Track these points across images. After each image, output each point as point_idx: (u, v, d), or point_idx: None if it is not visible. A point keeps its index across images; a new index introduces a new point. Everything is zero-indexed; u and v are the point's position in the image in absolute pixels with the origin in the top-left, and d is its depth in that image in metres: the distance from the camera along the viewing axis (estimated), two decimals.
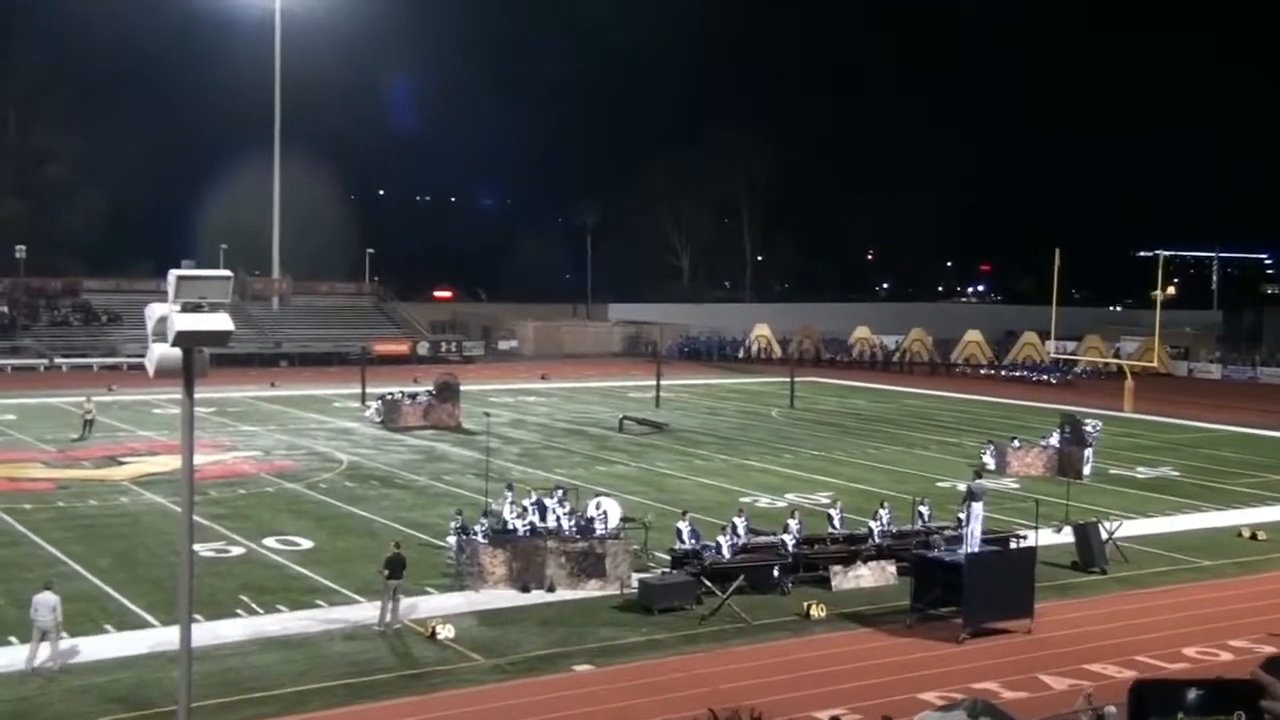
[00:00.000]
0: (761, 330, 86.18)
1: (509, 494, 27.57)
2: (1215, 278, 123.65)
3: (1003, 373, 75.01)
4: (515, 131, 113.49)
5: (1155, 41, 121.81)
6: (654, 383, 57.91)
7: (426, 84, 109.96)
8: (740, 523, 26.12)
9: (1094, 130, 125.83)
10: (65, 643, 20.70)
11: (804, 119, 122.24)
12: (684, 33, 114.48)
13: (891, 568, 26.02)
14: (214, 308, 13.01)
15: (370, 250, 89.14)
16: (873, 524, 27.25)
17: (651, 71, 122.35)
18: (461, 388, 50.02)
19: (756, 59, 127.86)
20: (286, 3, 77.41)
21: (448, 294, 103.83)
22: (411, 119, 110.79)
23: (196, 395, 13.89)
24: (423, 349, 77.52)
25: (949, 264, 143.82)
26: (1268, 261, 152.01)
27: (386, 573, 22.50)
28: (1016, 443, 41.14)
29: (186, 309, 12.86)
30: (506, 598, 24.18)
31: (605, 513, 26.17)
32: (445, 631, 21.65)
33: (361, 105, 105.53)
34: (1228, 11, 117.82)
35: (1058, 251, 57.81)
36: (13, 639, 20.71)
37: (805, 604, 23.73)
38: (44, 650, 19.79)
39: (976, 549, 23.91)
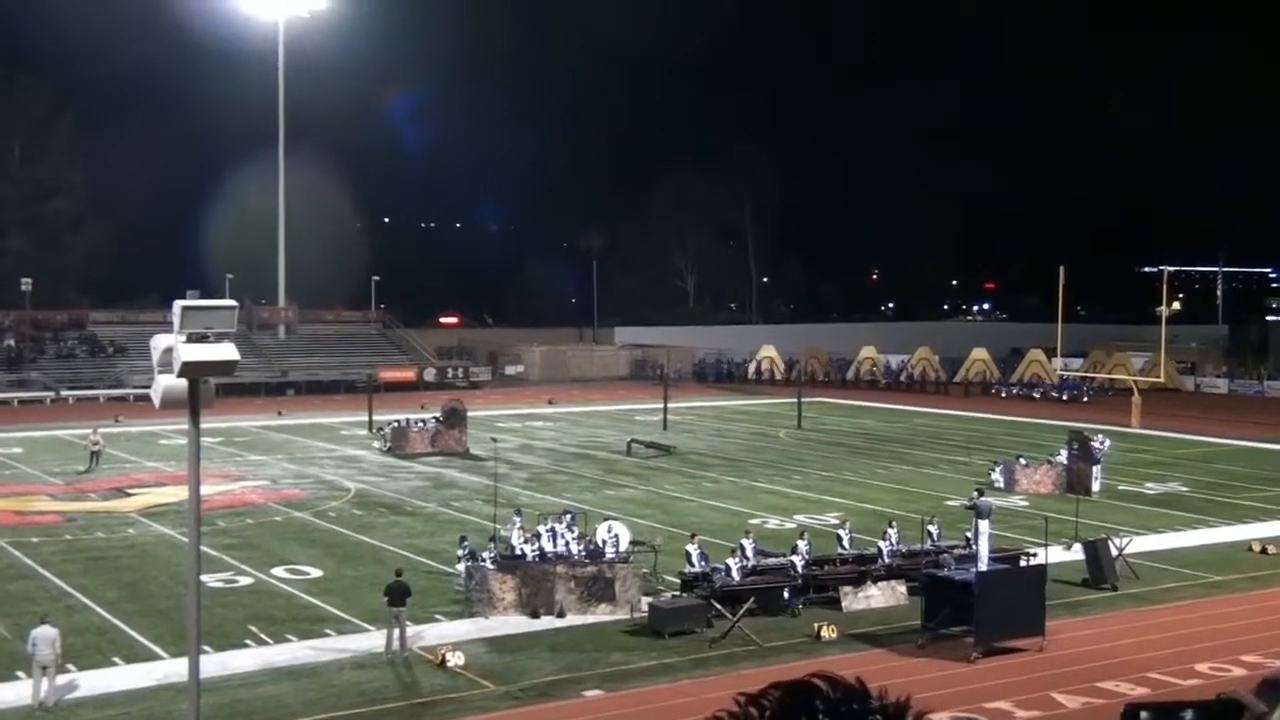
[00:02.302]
0: (768, 351, 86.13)
1: (517, 519, 27.55)
2: (1220, 292, 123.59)
3: (1032, 393, 74.19)
4: (519, 156, 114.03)
5: (1157, 55, 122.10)
6: (661, 406, 57.89)
7: (430, 110, 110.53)
8: (749, 545, 26.06)
9: (1097, 146, 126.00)
10: (70, 676, 20.69)
11: (807, 140, 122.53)
12: (688, 55, 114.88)
13: (902, 588, 25.93)
14: (219, 337, 13.03)
15: (376, 277, 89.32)
16: (882, 544, 27.19)
17: (656, 94, 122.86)
18: (469, 413, 49.99)
19: (760, 81, 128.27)
20: (289, 33, 77.82)
21: (454, 320, 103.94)
22: (416, 145, 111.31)
23: (203, 425, 13.90)
24: (429, 375, 77.51)
25: (954, 282, 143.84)
26: (1272, 275, 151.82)
27: (387, 600, 22.49)
28: (1023, 460, 41.05)
29: (192, 339, 12.88)
30: (516, 624, 24.11)
31: (617, 536, 26.14)
32: (455, 659, 21.58)
33: (366, 133, 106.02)
34: (1231, 24, 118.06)
35: (1062, 269, 57.83)
36: (20, 673, 20.65)
37: (816, 625, 23.64)
38: (43, 685, 19.74)
39: (985, 567, 23.85)
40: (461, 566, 25.87)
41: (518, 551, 25.74)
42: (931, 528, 28.30)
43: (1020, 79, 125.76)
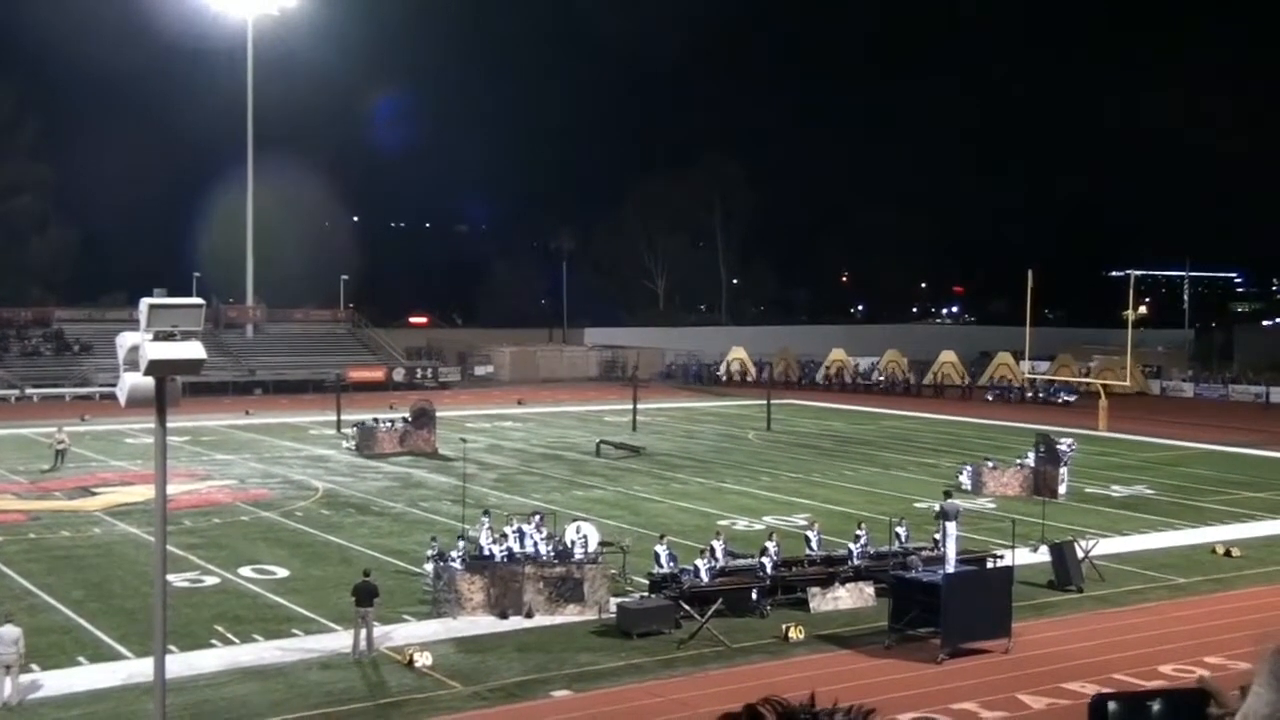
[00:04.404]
0: (738, 353, 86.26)
1: (486, 520, 27.50)
2: (1186, 296, 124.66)
3: (1025, 395, 73.77)
4: (490, 157, 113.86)
5: (1127, 61, 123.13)
6: (630, 407, 57.89)
7: (402, 110, 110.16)
8: (718, 546, 26.09)
9: (1065, 150, 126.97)
10: (34, 676, 20.53)
11: (778, 143, 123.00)
12: (660, 59, 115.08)
13: (869, 589, 26.02)
14: (186, 336, 12.94)
15: (345, 276, 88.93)
16: (853, 546, 27.28)
17: (627, 96, 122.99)
18: (437, 414, 49.87)
19: (731, 85, 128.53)
20: (259, 30, 77.37)
21: (423, 320, 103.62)
22: (387, 145, 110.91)
23: (170, 424, 13.81)
24: (398, 375, 77.22)
25: (923, 286, 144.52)
26: (1237, 280, 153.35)
27: (354, 600, 22.42)
28: (991, 463, 41.29)
29: (159, 337, 12.79)
30: (484, 624, 24.07)
31: (585, 537, 26.13)
32: (423, 659, 21.53)
33: (336, 131, 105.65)
34: (1197, 34, 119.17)
35: (1030, 272, 58.17)
36: None
37: (784, 626, 23.70)
38: (6, 685, 19.58)
39: (952, 569, 23.97)
40: (429, 566, 25.81)
41: (486, 552, 25.70)
42: (900, 529, 28.42)
43: (989, 84, 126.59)
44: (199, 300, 13.73)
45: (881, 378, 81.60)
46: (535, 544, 25.82)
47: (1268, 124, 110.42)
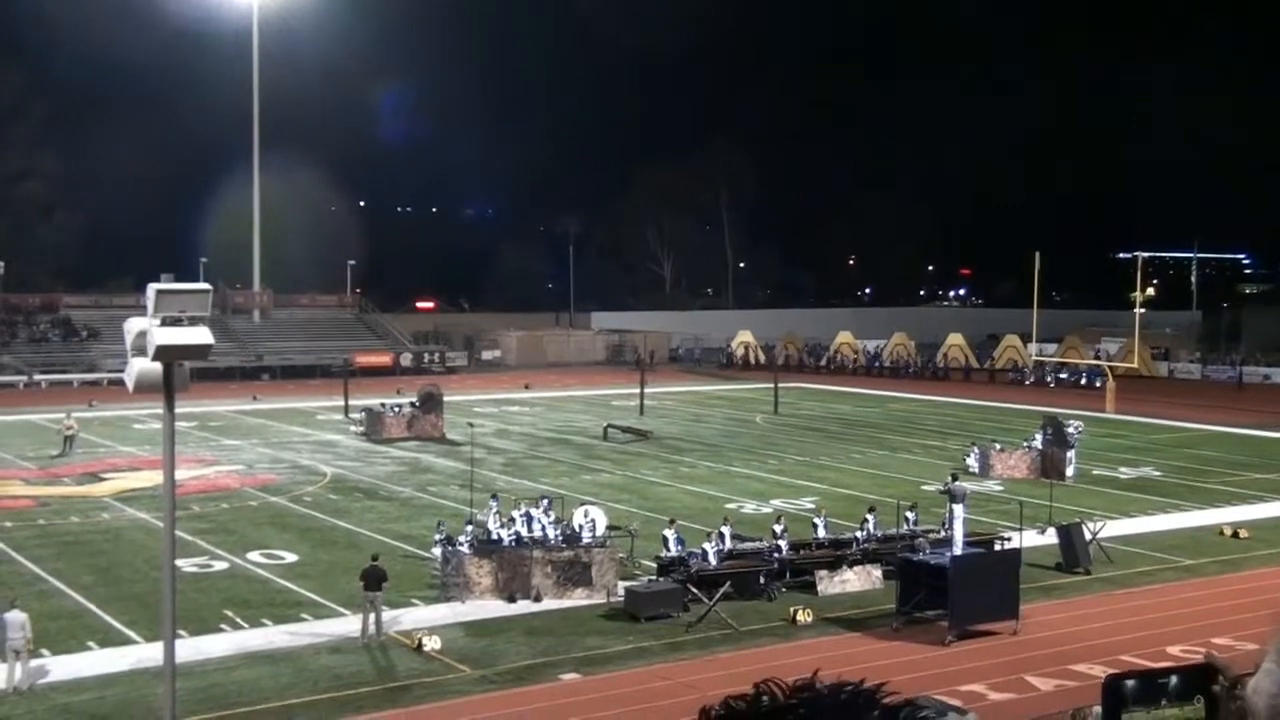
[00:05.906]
0: (744, 337, 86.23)
1: (494, 504, 27.54)
2: (1194, 278, 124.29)
3: (1047, 379, 73.60)
4: (497, 142, 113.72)
5: (1129, 44, 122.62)
6: (638, 391, 57.90)
7: (407, 95, 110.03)
8: (726, 532, 26.09)
9: (1071, 133, 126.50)
10: (43, 660, 20.61)
11: (784, 127, 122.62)
12: (666, 44, 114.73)
13: (877, 572, 26.05)
14: (194, 321, 12.94)
15: (351, 261, 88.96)
16: (859, 534, 27.26)
17: (633, 81, 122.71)
18: (445, 398, 49.90)
19: (737, 70, 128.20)
20: (265, 16, 77.24)
21: (430, 305, 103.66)
22: (393, 130, 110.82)
23: (178, 410, 13.82)
24: (405, 360, 77.34)
25: (930, 268, 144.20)
26: (1245, 261, 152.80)
27: (363, 584, 22.47)
28: (998, 445, 41.27)
29: (166, 323, 12.79)
30: (493, 608, 24.12)
31: (593, 521, 26.16)
32: (431, 643, 21.58)
33: (342, 117, 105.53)
34: (1203, 14, 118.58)
35: (1037, 255, 58.06)
36: None
37: (792, 609, 23.72)
38: (16, 670, 19.65)
39: (960, 551, 23.97)
40: (437, 551, 25.86)
41: (494, 536, 25.74)
42: (908, 513, 28.41)
43: (994, 70, 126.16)
44: (206, 286, 13.71)
45: (895, 361, 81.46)
46: (543, 528, 25.87)
47: (1277, 105, 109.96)
